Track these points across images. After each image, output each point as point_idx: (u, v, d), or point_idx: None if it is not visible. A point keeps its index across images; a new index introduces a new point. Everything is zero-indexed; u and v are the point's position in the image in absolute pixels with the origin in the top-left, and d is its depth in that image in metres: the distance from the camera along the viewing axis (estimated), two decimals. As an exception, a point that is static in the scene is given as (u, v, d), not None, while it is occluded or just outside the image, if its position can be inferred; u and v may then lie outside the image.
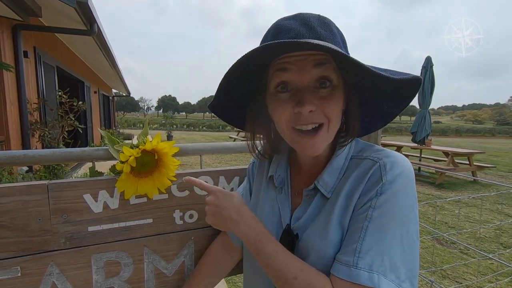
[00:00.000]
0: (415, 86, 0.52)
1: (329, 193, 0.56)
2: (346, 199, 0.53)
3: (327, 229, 0.53)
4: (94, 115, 8.92)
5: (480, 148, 12.23)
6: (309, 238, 0.55)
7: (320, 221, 0.55)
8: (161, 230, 0.78)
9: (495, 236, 3.28)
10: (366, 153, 0.56)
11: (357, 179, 0.53)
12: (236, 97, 0.62)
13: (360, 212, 0.50)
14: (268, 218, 0.64)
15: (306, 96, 0.50)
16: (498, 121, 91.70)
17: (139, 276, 0.76)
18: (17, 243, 0.64)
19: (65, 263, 0.68)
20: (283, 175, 0.65)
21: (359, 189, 0.52)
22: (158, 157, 0.69)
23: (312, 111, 0.50)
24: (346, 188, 0.54)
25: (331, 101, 0.51)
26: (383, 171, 0.50)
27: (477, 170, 6.55)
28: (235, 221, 0.59)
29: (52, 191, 0.65)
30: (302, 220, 0.58)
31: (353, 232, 0.50)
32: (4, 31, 3.60)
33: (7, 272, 0.64)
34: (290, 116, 0.52)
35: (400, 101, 0.56)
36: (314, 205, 0.57)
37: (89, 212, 0.69)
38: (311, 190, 0.58)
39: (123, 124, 27.55)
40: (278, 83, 0.53)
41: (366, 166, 0.53)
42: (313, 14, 0.52)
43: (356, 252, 0.48)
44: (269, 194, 0.67)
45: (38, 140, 4.23)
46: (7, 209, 0.63)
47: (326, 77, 0.51)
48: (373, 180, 0.51)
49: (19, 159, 0.67)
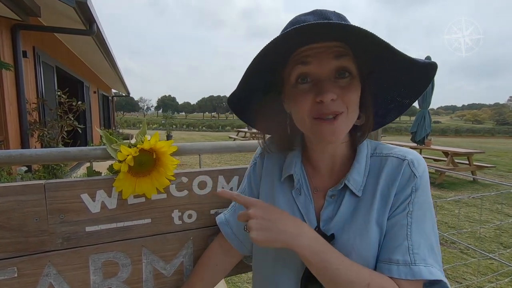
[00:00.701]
0: (430, 71, 0.52)
1: (359, 191, 0.56)
2: (382, 198, 0.55)
3: (367, 228, 0.54)
4: (93, 115, 8.90)
5: (479, 148, 12.23)
6: (348, 238, 0.55)
7: (358, 220, 0.55)
8: (159, 230, 0.77)
9: (495, 236, 3.27)
10: (385, 151, 0.59)
11: (390, 177, 0.55)
12: (252, 93, 0.62)
13: (401, 210, 0.53)
14: None
15: (327, 85, 0.51)
16: (497, 121, 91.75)
17: (138, 277, 0.76)
18: (14, 243, 0.63)
19: (63, 263, 0.68)
20: (299, 175, 0.63)
21: (394, 188, 0.54)
22: (156, 156, 0.68)
23: (333, 100, 0.51)
24: (380, 188, 0.55)
25: (350, 90, 0.52)
26: (413, 167, 0.54)
27: (476, 170, 6.54)
28: (294, 234, 0.51)
29: (49, 190, 0.65)
30: (336, 221, 0.57)
31: (399, 229, 0.52)
32: (3, 31, 3.59)
33: (4, 273, 0.63)
34: (311, 106, 0.52)
35: (414, 89, 0.57)
36: (346, 205, 0.57)
37: (86, 212, 0.69)
38: (339, 189, 0.58)
39: (122, 124, 27.52)
40: (298, 75, 0.54)
41: (394, 164, 0.56)
42: (329, 10, 0.53)
43: (409, 250, 0.50)
44: (284, 196, 0.64)
45: (37, 140, 4.22)
46: (3, 209, 0.62)
47: (345, 67, 0.52)
48: (406, 177, 0.54)
49: (16, 159, 0.67)
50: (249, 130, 13.03)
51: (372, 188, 0.56)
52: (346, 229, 0.55)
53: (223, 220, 0.76)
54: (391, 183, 0.55)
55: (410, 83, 0.57)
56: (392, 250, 0.52)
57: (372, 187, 0.56)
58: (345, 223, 0.56)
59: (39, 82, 4.54)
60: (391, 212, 0.54)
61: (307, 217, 0.60)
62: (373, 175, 0.57)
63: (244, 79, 0.55)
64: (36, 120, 4.25)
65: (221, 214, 0.78)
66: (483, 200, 4.59)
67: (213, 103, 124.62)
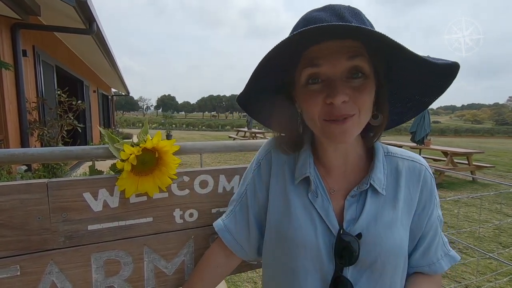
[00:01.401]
0: (453, 71, 0.50)
1: (383, 190, 0.57)
2: (405, 199, 0.58)
3: (392, 226, 0.56)
4: (93, 115, 8.90)
5: (479, 148, 12.25)
6: (375, 237, 0.55)
7: (384, 218, 0.56)
8: (161, 229, 0.77)
9: (494, 236, 3.28)
10: (397, 152, 0.62)
11: (411, 180, 0.59)
12: (262, 91, 0.61)
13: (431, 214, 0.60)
14: (309, 226, 0.58)
15: (338, 86, 0.49)
16: (497, 121, 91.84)
17: (139, 275, 0.76)
18: (16, 242, 0.64)
19: (65, 262, 0.68)
20: (314, 177, 0.60)
21: (417, 192, 0.59)
22: (159, 156, 0.69)
23: (345, 102, 0.49)
24: (403, 188, 0.58)
25: (363, 91, 0.50)
26: (430, 173, 0.61)
27: (476, 169, 6.56)
28: None
29: (51, 189, 0.65)
30: (362, 221, 0.55)
31: (435, 232, 0.61)
32: (3, 30, 3.59)
33: (7, 271, 0.63)
34: (321, 108, 0.51)
35: (435, 89, 0.55)
36: (371, 204, 0.57)
37: (88, 211, 0.69)
38: (363, 189, 0.57)
39: (122, 124, 27.51)
40: (309, 74, 0.52)
41: (413, 168, 0.60)
42: (343, 5, 0.51)
43: (444, 244, 0.64)
44: (301, 198, 0.60)
45: (37, 139, 4.22)
46: (6, 208, 0.62)
47: (359, 67, 0.50)
48: (429, 183, 0.60)
49: (19, 157, 0.67)
50: (249, 129, 13.03)
51: (393, 187, 0.58)
52: (372, 228, 0.55)
53: (222, 227, 0.71)
54: (412, 186, 0.58)
55: (431, 82, 0.54)
56: (435, 251, 0.62)
57: (392, 186, 0.58)
58: (370, 222, 0.55)
59: (39, 81, 4.53)
60: (421, 216, 0.60)
61: (327, 220, 0.57)
62: (392, 175, 0.59)
63: (253, 78, 0.54)
64: (36, 119, 4.25)
65: (219, 220, 0.73)
66: (482, 200, 4.60)
67: (212, 103, 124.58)
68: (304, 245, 0.57)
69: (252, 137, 12.29)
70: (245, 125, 18.69)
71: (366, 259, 0.55)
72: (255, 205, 0.69)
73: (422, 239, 0.61)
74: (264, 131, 13.54)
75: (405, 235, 0.57)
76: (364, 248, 0.54)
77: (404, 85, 0.58)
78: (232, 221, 0.70)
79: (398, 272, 0.58)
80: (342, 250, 0.54)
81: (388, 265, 0.55)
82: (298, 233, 0.58)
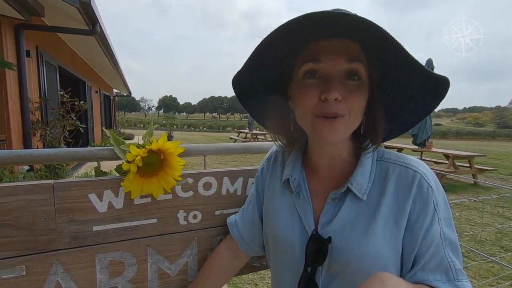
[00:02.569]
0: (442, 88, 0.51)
1: (364, 195, 0.54)
2: (391, 207, 0.53)
3: (370, 235, 0.52)
4: (95, 115, 8.92)
5: (480, 151, 12.21)
6: (348, 242, 0.53)
7: (360, 225, 0.53)
8: (165, 230, 0.78)
9: (496, 240, 3.27)
10: (392, 157, 0.57)
11: (401, 187, 0.53)
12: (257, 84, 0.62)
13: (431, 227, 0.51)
14: (288, 225, 0.62)
15: (334, 84, 0.50)
16: (498, 124, 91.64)
17: (143, 276, 0.76)
18: (22, 242, 0.64)
19: (70, 262, 0.69)
20: (299, 179, 0.63)
21: (409, 200, 0.52)
22: (164, 157, 0.69)
23: (337, 99, 0.50)
24: (387, 197, 0.53)
25: (356, 94, 0.51)
26: (428, 181, 0.52)
27: (477, 173, 6.54)
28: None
29: (57, 190, 0.66)
30: (334, 224, 0.55)
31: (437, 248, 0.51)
32: (7, 31, 3.61)
33: (12, 271, 0.64)
34: (315, 104, 0.52)
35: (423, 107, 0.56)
36: (347, 208, 0.55)
37: (94, 211, 0.69)
38: (341, 192, 0.56)
39: (123, 124, 27.56)
40: (307, 70, 0.53)
41: (405, 174, 0.53)
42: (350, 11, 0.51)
43: (453, 269, 0.51)
44: (286, 199, 0.64)
45: (39, 139, 4.23)
46: (13, 208, 0.63)
47: (356, 70, 0.51)
48: (425, 191, 0.52)
49: (25, 158, 0.68)
50: (250, 131, 13.03)
51: (377, 194, 0.55)
52: (345, 233, 0.54)
53: (232, 222, 0.78)
54: (403, 193, 0.53)
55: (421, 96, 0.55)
56: (433, 270, 0.51)
57: (377, 193, 0.55)
58: (344, 227, 0.55)
59: (41, 82, 4.55)
60: (414, 230, 0.51)
61: (305, 221, 0.59)
62: (380, 180, 0.56)
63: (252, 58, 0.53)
64: (38, 119, 4.27)
65: (232, 216, 0.80)
66: (484, 204, 4.58)
67: (214, 104, 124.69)
68: (282, 242, 0.62)
69: (254, 139, 12.28)
70: (246, 126, 18.70)
71: (336, 263, 0.54)
72: (259, 204, 0.75)
73: (418, 257, 0.52)
74: (266, 132, 13.53)
75: (386, 246, 0.52)
76: (334, 253, 0.54)
77: (395, 100, 0.59)
78: (241, 218, 0.77)
79: None
80: (312, 250, 0.56)
81: (359, 275, 0.52)
82: (278, 230, 0.63)
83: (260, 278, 2.41)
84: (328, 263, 0.55)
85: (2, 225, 0.62)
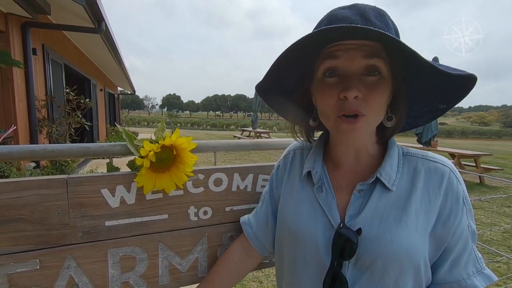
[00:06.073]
0: (469, 83, 0.51)
1: (393, 186, 0.55)
2: (421, 202, 0.54)
3: (402, 228, 0.52)
4: (100, 113, 8.98)
5: (486, 150, 12.09)
6: (378, 233, 0.52)
7: (390, 216, 0.53)
8: (176, 226, 0.78)
9: (503, 239, 3.24)
10: (418, 153, 0.58)
11: (432, 182, 0.54)
12: (281, 84, 0.63)
13: (461, 221, 0.54)
14: (311, 219, 0.60)
15: (353, 82, 0.50)
16: (504, 123, 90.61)
17: (154, 271, 0.77)
18: (36, 236, 0.65)
19: (82, 256, 0.69)
20: (320, 172, 0.62)
21: (439, 195, 0.53)
22: (176, 153, 0.69)
23: (357, 97, 0.50)
24: (418, 190, 0.54)
25: (377, 90, 0.51)
26: (457, 176, 0.55)
27: (484, 172, 6.48)
28: None
29: (71, 185, 0.66)
30: (363, 216, 0.54)
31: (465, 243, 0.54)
32: (14, 29, 3.64)
33: (27, 265, 0.64)
34: (336, 103, 0.52)
35: (451, 97, 0.55)
36: (376, 199, 0.55)
37: (106, 207, 0.70)
38: (369, 184, 0.56)
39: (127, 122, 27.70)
40: (326, 68, 0.53)
41: (435, 169, 0.55)
42: (369, 5, 0.52)
43: (478, 259, 0.56)
44: (306, 193, 0.63)
45: (45, 136, 4.27)
46: (27, 203, 0.63)
47: (375, 66, 0.51)
48: (455, 186, 0.54)
49: (39, 153, 0.68)
50: (254, 129, 13.02)
51: (407, 186, 0.55)
52: (375, 225, 0.53)
53: (246, 220, 0.78)
54: (433, 189, 0.54)
55: (448, 90, 0.54)
56: (465, 266, 0.55)
57: (407, 185, 0.55)
58: (373, 218, 0.54)
59: (47, 79, 4.59)
60: (447, 224, 0.53)
61: (329, 214, 0.58)
62: (408, 174, 0.56)
63: (273, 69, 0.55)
64: (44, 117, 4.30)
65: (246, 215, 0.80)
66: (490, 203, 4.54)
67: (217, 102, 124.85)
68: (304, 238, 0.59)
69: (257, 137, 12.27)
70: (249, 124, 18.69)
71: (366, 257, 0.53)
72: (273, 203, 0.74)
73: (448, 250, 0.54)
74: (269, 131, 13.51)
75: (420, 240, 0.52)
76: (363, 245, 0.52)
77: (421, 90, 0.58)
78: (254, 216, 0.77)
79: (407, 281, 0.52)
80: (340, 244, 0.54)
81: (390, 268, 0.51)
82: (300, 226, 0.60)
83: (265, 275, 2.41)
84: (355, 257, 0.54)
85: (17, 219, 0.63)
